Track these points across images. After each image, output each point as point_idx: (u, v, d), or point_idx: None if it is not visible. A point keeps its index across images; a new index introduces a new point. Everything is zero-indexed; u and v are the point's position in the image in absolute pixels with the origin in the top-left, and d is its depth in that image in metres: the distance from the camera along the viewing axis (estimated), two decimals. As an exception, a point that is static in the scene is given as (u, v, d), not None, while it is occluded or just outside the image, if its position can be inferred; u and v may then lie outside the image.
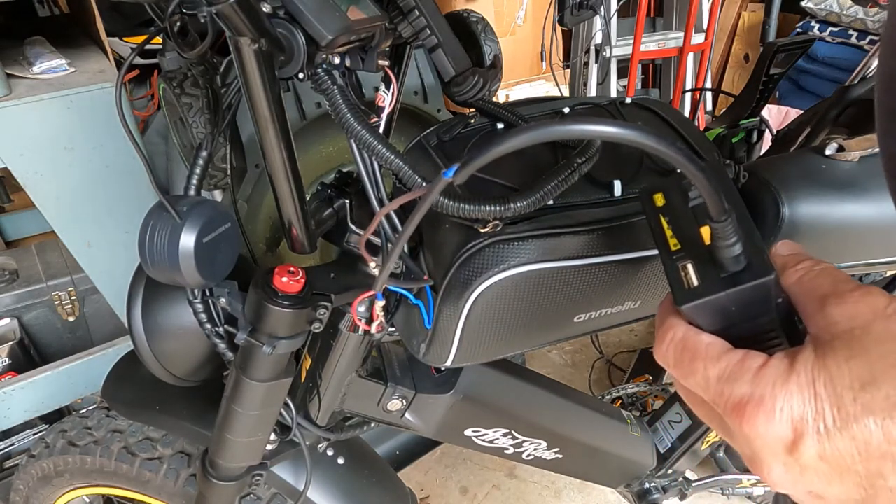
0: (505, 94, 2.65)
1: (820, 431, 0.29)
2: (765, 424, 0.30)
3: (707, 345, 0.34)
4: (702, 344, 0.35)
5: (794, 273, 0.36)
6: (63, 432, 0.88)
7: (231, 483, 0.71)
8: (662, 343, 0.36)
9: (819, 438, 0.29)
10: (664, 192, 0.41)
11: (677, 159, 0.33)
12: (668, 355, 0.36)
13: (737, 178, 0.58)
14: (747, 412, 0.31)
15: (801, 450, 0.29)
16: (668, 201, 0.40)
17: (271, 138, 0.49)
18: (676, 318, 0.37)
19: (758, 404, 0.31)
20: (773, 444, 0.30)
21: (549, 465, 0.89)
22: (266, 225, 1.30)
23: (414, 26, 0.53)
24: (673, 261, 0.37)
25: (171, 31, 0.47)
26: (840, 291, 0.32)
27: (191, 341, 0.63)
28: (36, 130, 0.98)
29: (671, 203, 0.40)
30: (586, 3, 0.68)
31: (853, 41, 2.39)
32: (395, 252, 0.43)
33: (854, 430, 0.28)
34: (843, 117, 0.79)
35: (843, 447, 0.29)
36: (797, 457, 0.30)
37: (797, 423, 0.29)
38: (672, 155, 0.33)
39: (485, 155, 0.35)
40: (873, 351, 0.29)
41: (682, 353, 0.35)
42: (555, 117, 0.62)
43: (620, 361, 1.90)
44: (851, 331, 0.30)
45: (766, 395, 0.30)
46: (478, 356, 0.58)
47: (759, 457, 0.32)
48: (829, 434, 0.29)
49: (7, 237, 1.95)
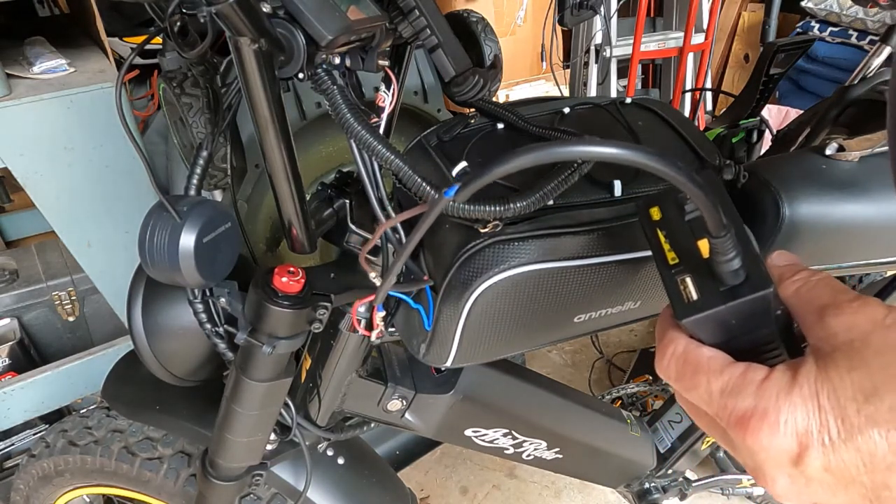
0: (505, 94, 2.65)
1: (825, 443, 0.29)
2: (769, 437, 0.30)
3: (709, 358, 0.34)
4: (703, 357, 0.35)
5: (791, 284, 0.36)
6: (63, 432, 0.88)
7: (231, 483, 0.71)
8: (664, 357, 0.36)
9: (824, 450, 0.29)
10: (660, 205, 0.41)
11: (676, 178, 0.33)
12: (670, 369, 0.36)
13: (737, 178, 0.58)
14: (751, 425, 0.31)
15: (807, 462, 0.30)
16: (664, 215, 0.40)
17: (271, 138, 0.49)
18: (677, 331, 0.37)
19: (762, 417, 0.31)
20: (777, 456, 0.30)
21: (549, 465, 0.89)
22: (266, 225, 1.30)
23: (414, 26, 0.53)
24: (672, 274, 0.37)
25: (171, 31, 0.47)
26: (838, 302, 0.33)
27: (191, 341, 0.63)
28: (36, 130, 0.98)
29: (667, 216, 0.40)
30: (586, 3, 0.68)
31: (853, 41, 2.39)
32: (396, 266, 0.43)
33: (859, 442, 0.28)
34: (843, 117, 0.79)
35: (848, 459, 0.29)
36: (802, 469, 0.30)
37: (802, 435, 0.30)
38: (671, 174, 0.33)
39: (487, 174, 0.35)
40: (873, 362, 0.29)
41: (684, 367, 0.35)
42: (555, 117, 0.62)
43: (620, 361, 1.90)
44: (851, 342, 0.30)
45: (769, 408, 0.31)
46: (478, 356, 0.58)
47: (764, 469, 0.32)
48: (833, 446, 0.29)
49: (7, 237, 1.95)
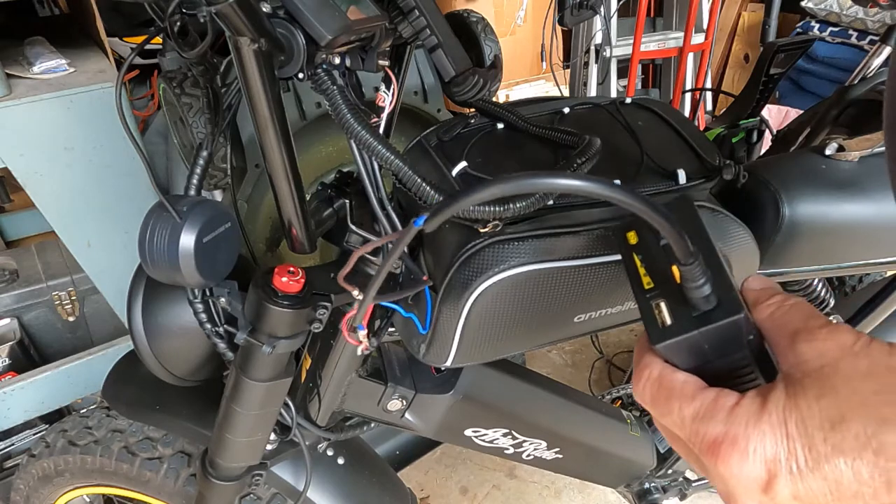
0: (505, 94, 2.65)
1: (793, 471, 0.29)
2: (739, 464, 0.31)
3: (682, 383, 0.35)
4: (677, 382, 0.35)
5: (765, 308, 0.36)
6: (63, 432, 0.88)
7: (231, 483, 0.71)
8: (640, 381, 0.37)
9: (792, 478, 0.29)
10: (637, 230, 0.41)
11: (641, 209, 0.33)
12: (645, 393, 0.36)
13: (737, 178, 0.58)
14: (721, 452, 0.31)
15: (776, 489, 0.30)
16: (640, 239, 0.41)
17: (271, 138, 0.49)
18: (652, 356, 0.37)
19: (731, 444, 0.31)
20: (747, 483, 0.31)
21: (549, 465, 0.89)
22: (266, 225, 1.30)
23: (414, 26, 0.53)
24: (647, 299, 0.38)
25: (171, 31, 0.47)
26: (810, 328, 0.33)
27: (191, 341, 0.63)
28: (36, 130, 0.98)
29: (644, 241, 0.40)
30: (586, 3, 0.68)
31: (853, 41, 2.39)
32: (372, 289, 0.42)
33: (825, 471, 0.29)
34: (843, 117, 0.79)
35: (815, 487, 0.29)
36: (772, 496, 0.30)
37: (770, 463, 0.30)
38: (636, 206, 0.33)
39: (455, 204, 0.35)
40: (842, 389, 0.29)
41: (658, 392, 0.36)
42: (554, 117, 0.62)
43: (620, 361, 1.90)
44: (821, 368, 0.31)
45: (739, 435, 0.31)
46: (478, 356, 0.58)
47: (735, 495, 0.32)
48: (801, 474, 0.29)
49: (7, 237, 1.95)
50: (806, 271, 0.68)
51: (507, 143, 0.58)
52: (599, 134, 0.53)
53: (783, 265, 0.64)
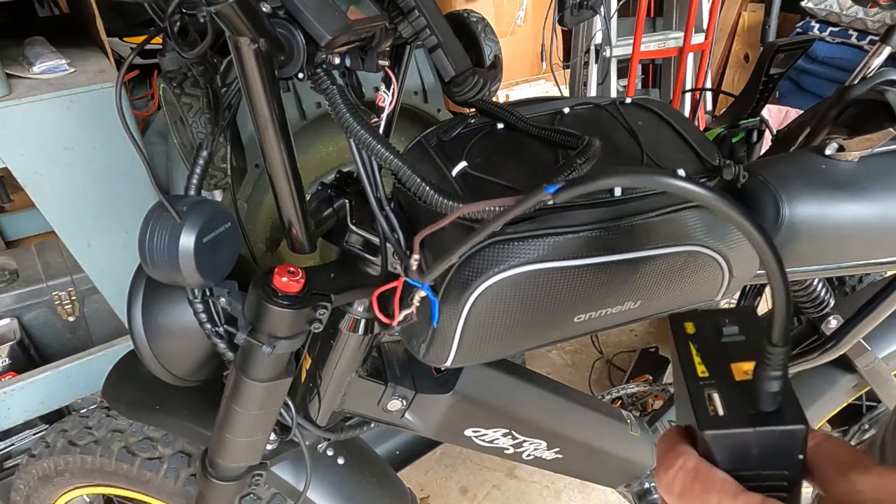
0: (505, 94, 2.65)
1: None
2: None
3: (722, 479, 0.33)
4: (717, 477, 0.34)
5: (811, 439, 0.35)
6: (63, 432, 0.88)
7: (231, 483, 0.71)
8: (671, 468, 0.35)
9: None
10: (695, 321, 0.40)
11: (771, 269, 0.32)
12: (675, 483, 0.35)
13: (737, 178, 0.58)
14: None
15: None
16: (699, 331, 0.39)
17: (271, 138, 0.49)
18: (687, 447, 0.36)
19: None
20: None
21: (549, 465, 0.89)
22: (266, 225, 1.30)
23: (414, 26, 0.53)
24: (700, 386, 0.36)
25: (171, 31, 0.47)
26: (864, 463, 0.33)
27: (191, 341, 0.63)
28: (36, 130, 0.98)
29: (702, 334, 0.39)
30: (586, 3, 0.68)
31: (853, 41, 2.39)
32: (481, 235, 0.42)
33: None
34: (843, 117, 0.79)
35: None
36: None
37: None
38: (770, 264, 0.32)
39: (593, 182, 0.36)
40: None
41: (693, 483, 0.34)
42: (554, 117, 0.62)
43: (620, 361, 1.90)
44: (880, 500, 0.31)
45: None
46: (478, 356, 0.58)
47: None
48: None
49: (7, 237, 1.95)
50: (806, 271, 0.68)
51: (508, 144, 0.58)
52: (600, 134, 0.53)
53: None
